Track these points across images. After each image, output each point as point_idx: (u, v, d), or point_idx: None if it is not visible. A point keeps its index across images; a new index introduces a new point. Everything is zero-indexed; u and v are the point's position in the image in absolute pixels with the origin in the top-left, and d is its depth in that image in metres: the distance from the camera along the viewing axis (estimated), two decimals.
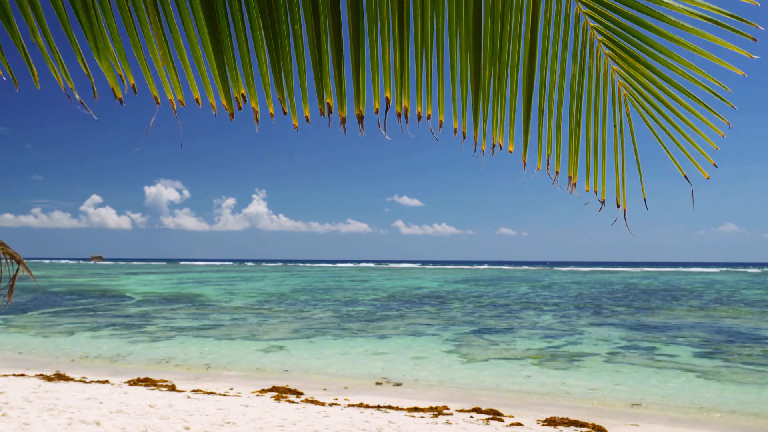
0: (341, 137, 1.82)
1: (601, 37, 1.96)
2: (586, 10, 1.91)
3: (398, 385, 10.92)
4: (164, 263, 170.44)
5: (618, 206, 2.13)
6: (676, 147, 2.03)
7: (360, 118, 1.83)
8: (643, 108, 2.04)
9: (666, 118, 2.01)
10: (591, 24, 1.93)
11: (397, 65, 1.83)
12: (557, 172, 2.10)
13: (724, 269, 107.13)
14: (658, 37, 1.86)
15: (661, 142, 2.03)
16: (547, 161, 2.09)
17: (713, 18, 1.75)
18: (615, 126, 2.10)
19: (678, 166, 2.02)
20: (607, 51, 1.99)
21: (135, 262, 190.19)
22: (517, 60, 1.94)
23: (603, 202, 2.14)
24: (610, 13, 1.87)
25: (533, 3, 1.86)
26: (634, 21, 1.85)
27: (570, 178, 2.12)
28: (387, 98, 1.84)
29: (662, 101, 1.99)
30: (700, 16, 1.76)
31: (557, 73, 2.01)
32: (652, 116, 2.03)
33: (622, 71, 2.01)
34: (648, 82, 1.98)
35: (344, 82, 1.78)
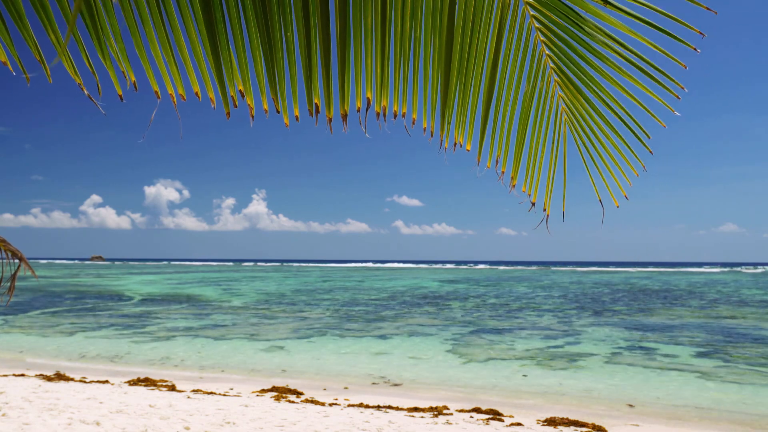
0: (341, 137, 1.87)
1: (552, 65, 2.20)
2: (544, 39, 2.14)
3: (398, 385, 10.92)
4: (164, 263, 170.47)
5: (544, 210, 2.44)
6: (597, 171, 2.35)
7: (344, 116, 1.98)
8: (578, 134, 2.33)
9: (594, 147, 2.31)
10: (546, 52, 2.17)
11: (378, 69, 2.01)
12: (503, 172, 2.38)
13: (724, 269, 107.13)
14: (599, 77, 2.12)
15: (587, 167, 2.34)
16: (496, 161, 2.36)
17: (645, 69, 2.01)
18: (553, 142, 2.39)
19: (596, 191, 2.33)
20: (556, 78, 2.24)
21: (135, 262, 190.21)
22: (481, 72, 2.17)
23: (533, 204, 2.44)
24: (562, 46, 2.11)
25: (499, 24, 2.08)
26: (582, 57, 2.10)
27: (512, 178, 2.41)
28: (368, 98, 2.03)
29: (593, 131, 2.29)
30: (638, 68, 2.01)
31: (513, 88, 2.27)
32: (583, 143, 2.33)
33: (566, 98, 2.27)
34: (584, 113, 2.26)
35: (332, 84, 1.94)
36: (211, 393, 9.64)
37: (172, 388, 10.03)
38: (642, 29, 1.94)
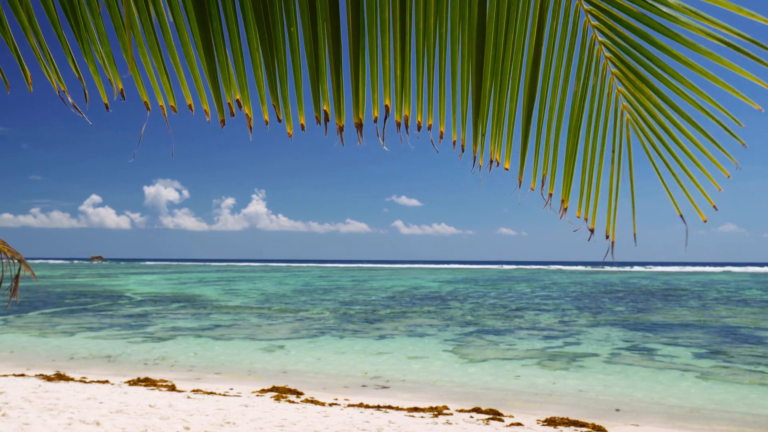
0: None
1: (609, 54, 1.82)
2: (596, 23, 1.77)
3: (398, 384, 10.91)
4: (163, 263, 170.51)
5: (606, 237, 1.98)
6: (676, 182, 1.88)
7: (358, 126, 1.73)
8: (645, 135, 1.88)
9: (668, 149, 1.85)
10: (599, 39, 1.80)
11: (398, 71, 1.73)
12: (551, 194, 1.98)
13: (723, 269, 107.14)
14: (670, 59, 1.71)
15: (660, 176, 1.89)
16: (542, 181, 1.97)
17: (732, 42, 1.58)
18: (614, 152, 1.95)
19: (675, 204, 1.87)
20: (614, 70, 1.84)
21: (134, 262, 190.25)
22: (519, 71, 1.83)
23: (592, 231, 1.99)
24: (620, 29, 1.73)
25: (540, 10, 1.75)
26: (646, 39, 1.71)
27: (562, 201, 2.00)
28: (386, 106, 1.75)
29: (666, 131, 1.84)
30: (717, 39, 1.59)
31: (559, 89, 1.89)
32: (653, 146, 1.87)
33: (628, 93, 1.86)
34: (653, 108, 1.83)
35: (342, 87, 1.69)
36: (211, 393, 9.63)
37: (172, 388, 10.02)
38: None
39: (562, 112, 1.92)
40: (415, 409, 8.75)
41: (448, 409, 8.89)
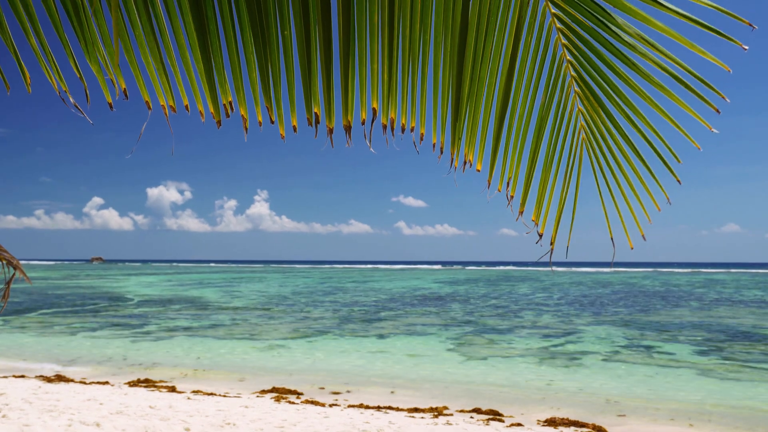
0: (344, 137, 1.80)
1: (574, 73, 1.90)
2: (565, 41, 1.84)
3: (398, 385, 10.91)
4: (166, 265, 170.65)
5: (551, 244, 2.08)
6: (612, 200, 1.99)
7: (347, 128, 1.78)
8: (595, 156, 1.98)
9: (612, 174, 1.97)
10: (567, 57, 1.88)
11: (385, 75, 1.78)
12: (512, 197, 2.06)
13: (725, 270, 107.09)
14: (626, 87, 1.80)
15: (602, 199, 1.99)
16: (507, 184, 2.06)
17: (683, 79, 1.67)
18: (568, 164, 2.04)
19: (609, 227, 1.96)
20: (577, 89, 1.92)
21: (136, 264, 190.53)
22: (495, 79, 1.91)
23: (541, 236, 2.08)
24: (584, 50, 1.81)
25: (517, 23, 1.82)
26: (607, 64, 1.79)
27: (520, 204, 2.08)
28: (374, 109, 1.81)
29: (613, 156, 1.95)
30: (670, 74, 1.68)
31: (528, 99, 1.98)
32: (600, 167, 1.98)
33: (586, 114, 1.95)
34: (605, 131, 1.93)
35: (333, 90, 1.74)
36: (211, 394, 9.64)
37: (172, 389, 10.03)
38: (679, 26, 1.60)
39: (529, 122, 2.01)
40: (416, 410, 8.75)
41: (448, 409, 8.89)
